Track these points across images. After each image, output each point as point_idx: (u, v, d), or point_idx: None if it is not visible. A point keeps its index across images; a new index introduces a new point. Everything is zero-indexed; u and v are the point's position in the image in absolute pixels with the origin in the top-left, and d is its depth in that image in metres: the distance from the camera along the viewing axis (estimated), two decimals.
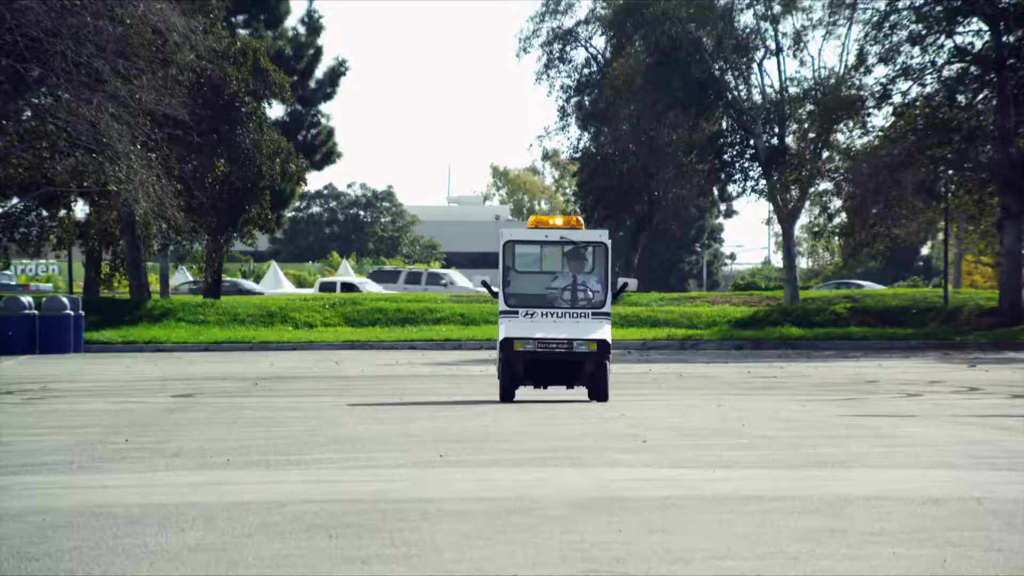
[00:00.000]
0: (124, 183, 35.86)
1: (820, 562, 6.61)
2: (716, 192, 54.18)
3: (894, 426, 13.90)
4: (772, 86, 46.39)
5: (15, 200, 41.90)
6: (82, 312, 36.95)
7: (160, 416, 15.51)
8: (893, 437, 12.64)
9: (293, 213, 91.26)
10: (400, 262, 79.57)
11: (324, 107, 60.72)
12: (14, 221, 41.66)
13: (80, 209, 44.82)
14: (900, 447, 11.70)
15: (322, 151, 60.52)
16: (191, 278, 63.27)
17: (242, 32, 53.32)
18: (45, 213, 41.99)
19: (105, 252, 45.98)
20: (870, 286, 63.39)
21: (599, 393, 17.25)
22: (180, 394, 19.50)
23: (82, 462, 10.73)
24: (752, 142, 46.18)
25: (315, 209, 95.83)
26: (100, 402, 18.03)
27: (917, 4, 40.93)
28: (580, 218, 18.16)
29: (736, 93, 46.40)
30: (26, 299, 36.92)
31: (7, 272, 63.56)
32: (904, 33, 41.13)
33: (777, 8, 45.89)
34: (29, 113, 38.16)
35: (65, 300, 36.42)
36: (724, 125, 47.38)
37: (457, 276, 63.27)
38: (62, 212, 42.19)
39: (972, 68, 40.62)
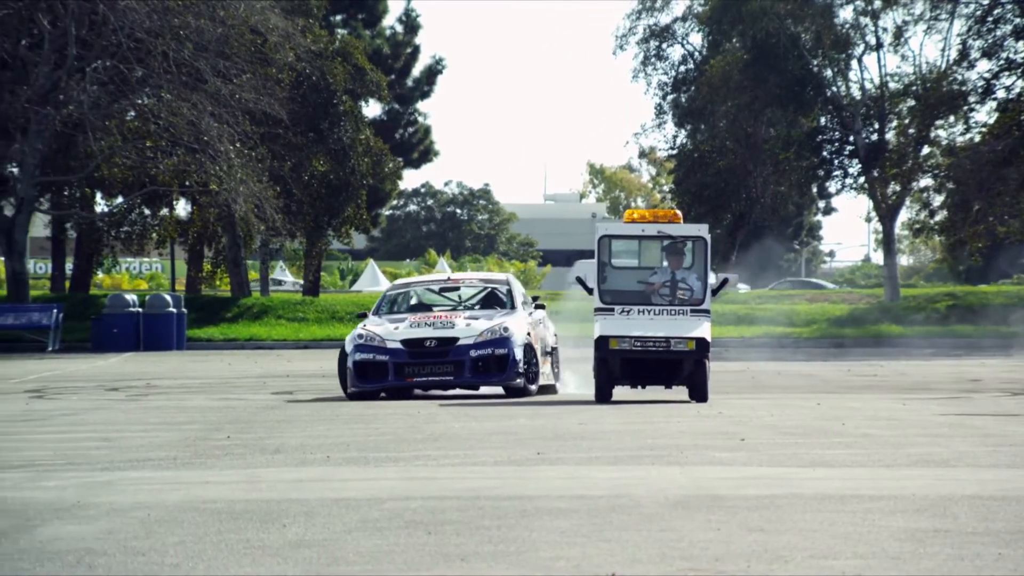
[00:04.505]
0: (224, 182, 36.27)
1: (923, 562, 6.54)
2: (815, 189, 53.65)
3: (998, 425, 13.69)
4: (872, 81, 45.94)
5: (120, 199, 42.53)
6: (184, 310, 37.41)
7: (261, 413, 15.66)
8: (997, 436, 12.45)
9: (390, 211, 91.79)
10: (494, 260, 79.61)
11: (421, 105, 60.91)
12: (118, 220, 42.28)
13: (182, 207, 45.40)
14: (1005, 446, 11.53)
15: (419, 149, 60.76)
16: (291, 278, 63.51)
17: (340, 31, 53.68)
18: (147, 212, 42.58)
19: (207, 250, 46.54)
20: (831, 287, 61.79)
21: (699, 393, 16.55)
22: (280, 391, 19.68)
23: (186, 458, 10.87)
24: (851, 138, 45.73)
25: (412, 207, 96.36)
26: (202, 399, 18.25)
27: None
28: (678, 212, 17.52)
29: (835, 89, 45.96)
30: (130, 297, 37.48)
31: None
32: (1008, 27, 40.52)
33: (877, 3, 45.40)
34: (133, 113, 38.71)
35: (168, 298, 36.91)
36: (822, 121, 46.97)
37: None
38: (164, 211, 42.75)
39: None
